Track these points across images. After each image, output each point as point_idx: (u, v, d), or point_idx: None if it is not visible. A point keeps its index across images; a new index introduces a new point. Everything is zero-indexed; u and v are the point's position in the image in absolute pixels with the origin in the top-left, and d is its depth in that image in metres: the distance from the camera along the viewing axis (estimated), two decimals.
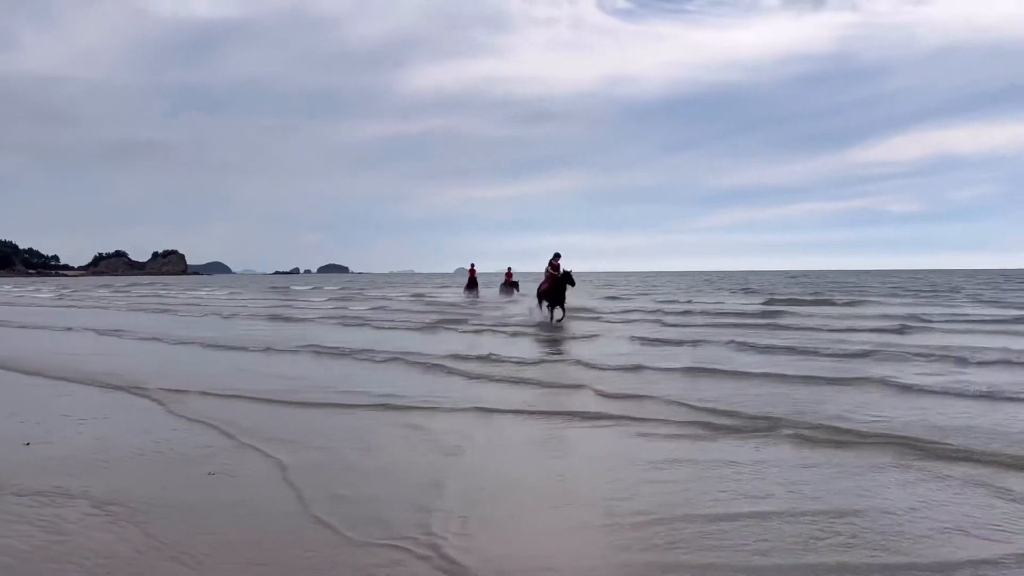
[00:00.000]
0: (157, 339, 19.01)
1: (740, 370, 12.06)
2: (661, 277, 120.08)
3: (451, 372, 12.35)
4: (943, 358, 13.27)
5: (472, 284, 44.00)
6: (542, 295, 23.57)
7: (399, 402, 9.45)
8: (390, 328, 22.63)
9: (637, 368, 12.49)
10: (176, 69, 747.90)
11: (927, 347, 14.96)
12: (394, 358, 13.97)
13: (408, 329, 21.99)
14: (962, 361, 12.88)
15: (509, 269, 41.95)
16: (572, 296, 36.93)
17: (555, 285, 22.88)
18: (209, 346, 17.10)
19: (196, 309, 35.14)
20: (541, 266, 23.87)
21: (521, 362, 13.44)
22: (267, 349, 16.16)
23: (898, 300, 37.19)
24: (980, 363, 12.68)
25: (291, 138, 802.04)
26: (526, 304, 27.09)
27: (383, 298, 45.90)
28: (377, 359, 14.06)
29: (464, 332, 20.60)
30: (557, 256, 23.34)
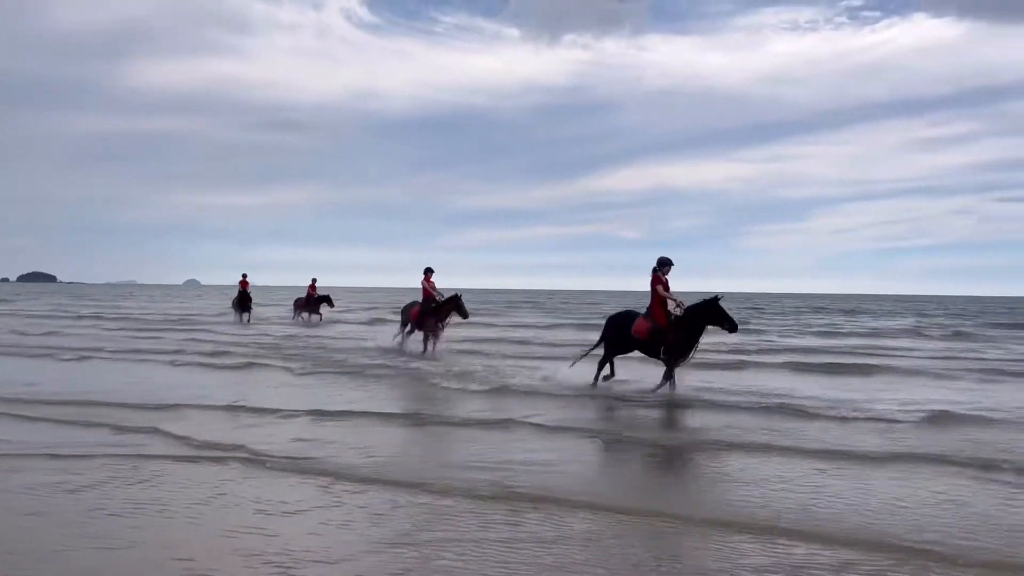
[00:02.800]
0: None
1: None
2: (402, 294, 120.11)
3: None
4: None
5: (243, 300, 34.93)
6: (663, 339, 12.62)
7: None
8: None
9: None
10: None
11: None
12: None
13: None
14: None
15: (313, 281, 35.08)
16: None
17: (689, 322, 12.59)
18: None
19: None
20: (287, 279, 21.26)
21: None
22: None
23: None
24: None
25: None
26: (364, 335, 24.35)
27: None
28: None
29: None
30: (665, 264, 12.87)
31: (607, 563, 5.10)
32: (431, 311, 19.13)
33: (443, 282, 19.44)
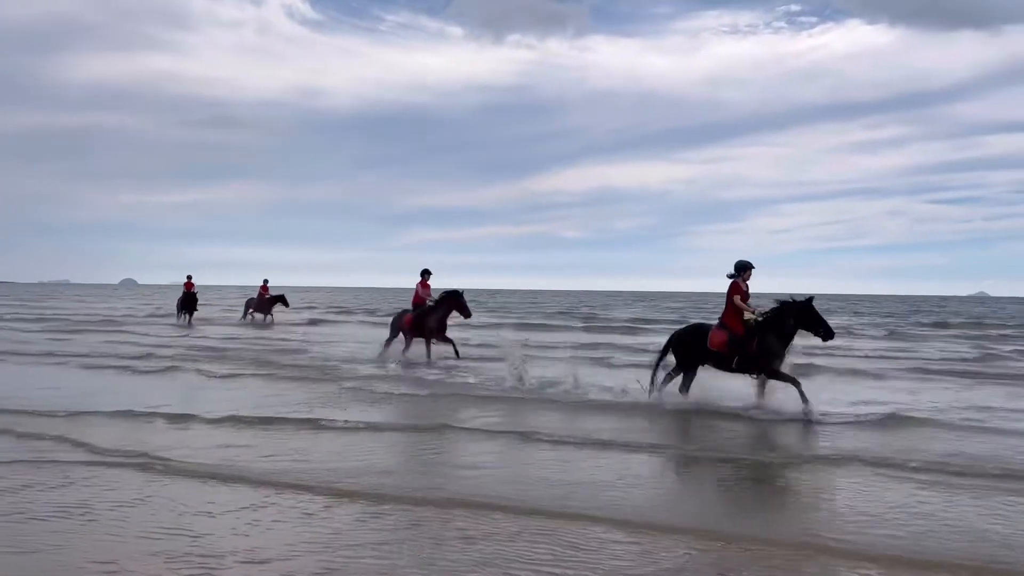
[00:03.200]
0: None
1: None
2: (346, 293, 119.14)
3: None
4: None
5: (188, 301, 33.12)
6: (744, 349, 11.34)
7: None
8: None
9: None
10: None
11: None
12: None
13: None
14: None
15: (265, 282, 34.29)
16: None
17: (777, 326, 11.35)
18: None
19: None
20: (228, 279, 20.01)
21: None
22: None
23: None
24: None
25: None
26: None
27: None
28: None
29: None
30: (745, 269, 11.86)
31: (532, 559, 5.19)
32: (426, 313, 17.71)
33: (387, 280, 19.17)
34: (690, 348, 11.95)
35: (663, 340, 12.97)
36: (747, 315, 11.48)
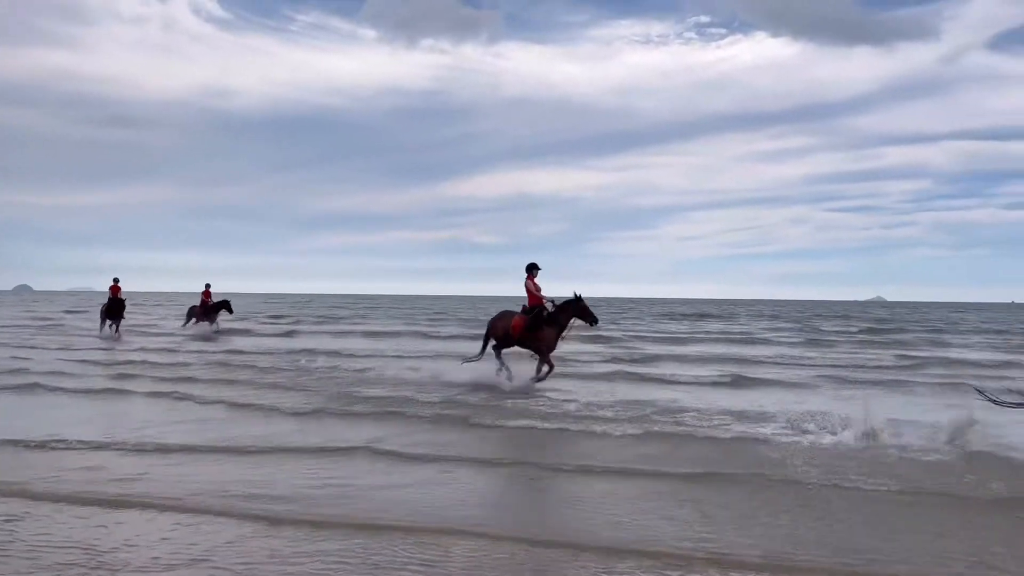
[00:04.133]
0: None
1: None
2: (251, 299, 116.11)
3: None
4: None
5: (114, 308, 30.13)
6: None
7: None
8: None
9: None
10: None
11: None
12: None
13: None
14: None
15: (208, 287, 32.48)
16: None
17: None
18: None
19: None
20: (137, 285, 17.36)
21: None
22: None
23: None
24: None
25: None
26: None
27: None
28: None
29: None
30: None
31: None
32: (545, 320, 14.89)
33: (297, 286, 18.25)
34: None
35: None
36: None
